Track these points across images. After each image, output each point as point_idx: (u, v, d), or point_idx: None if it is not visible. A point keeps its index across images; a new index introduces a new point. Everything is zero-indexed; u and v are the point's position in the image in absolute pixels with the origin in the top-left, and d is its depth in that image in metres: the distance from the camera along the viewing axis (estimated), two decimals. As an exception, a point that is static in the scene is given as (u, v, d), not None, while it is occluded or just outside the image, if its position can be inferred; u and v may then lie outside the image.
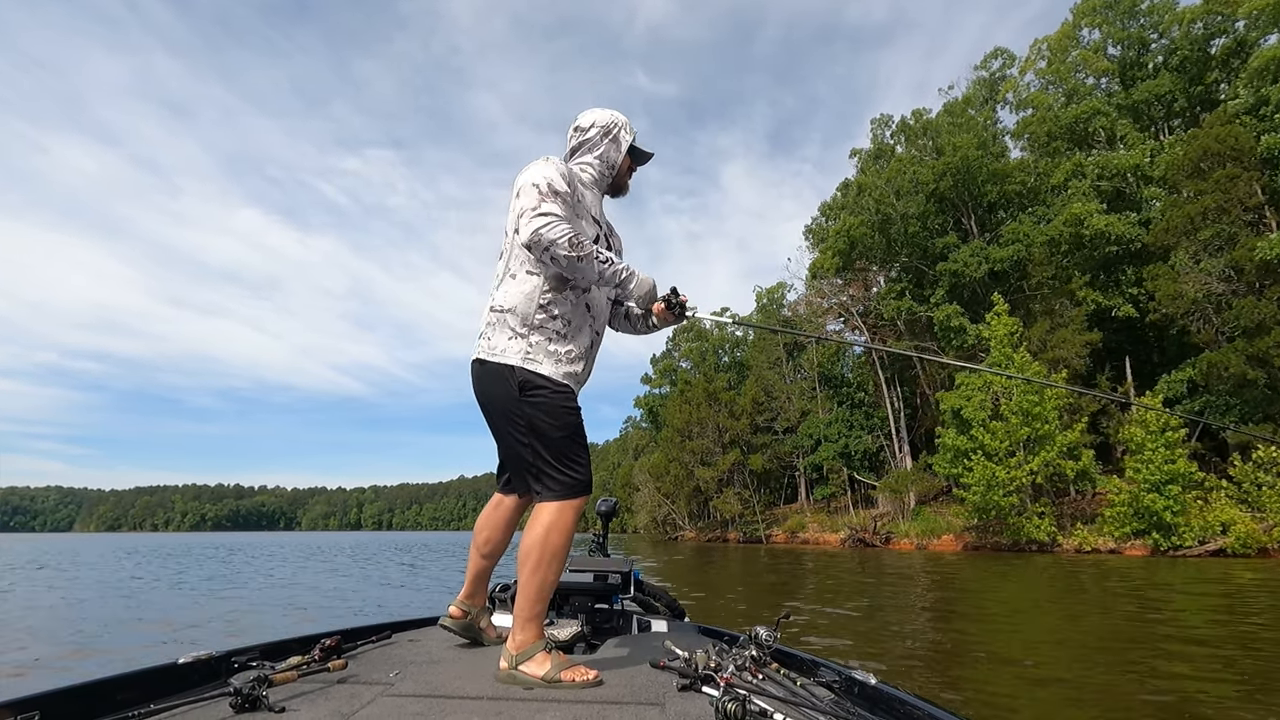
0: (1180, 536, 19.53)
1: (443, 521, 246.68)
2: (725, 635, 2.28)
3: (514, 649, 1.70)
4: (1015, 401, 22.78)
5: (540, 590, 1.76)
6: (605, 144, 2.05)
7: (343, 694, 1.51)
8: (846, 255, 33.63)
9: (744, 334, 54.01)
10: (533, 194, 1.81)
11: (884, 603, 9.08)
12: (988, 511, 23.10)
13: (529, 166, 1.90)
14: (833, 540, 32.51)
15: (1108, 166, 27.96)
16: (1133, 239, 26.40)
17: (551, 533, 1.77)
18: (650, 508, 51.76)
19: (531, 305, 1.85)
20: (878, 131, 34.70)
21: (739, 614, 8.28)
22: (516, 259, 1.89)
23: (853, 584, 11.99)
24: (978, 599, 9.67)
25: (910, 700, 1.41)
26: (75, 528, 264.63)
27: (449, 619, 2.09)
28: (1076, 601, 9.19)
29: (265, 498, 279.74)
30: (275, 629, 7.33)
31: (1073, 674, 4.74)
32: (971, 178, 29.39)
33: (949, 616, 7.90)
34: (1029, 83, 32.77)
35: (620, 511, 3.61)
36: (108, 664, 5.47)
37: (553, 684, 1.63)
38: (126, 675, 1.49)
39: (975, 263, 28.26)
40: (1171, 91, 29.50)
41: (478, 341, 1.91)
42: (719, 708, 1.26)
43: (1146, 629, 6.64)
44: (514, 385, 1.82)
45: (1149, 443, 20.24)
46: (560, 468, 1.81)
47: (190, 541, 60.16)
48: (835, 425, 37.94)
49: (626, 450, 79.06)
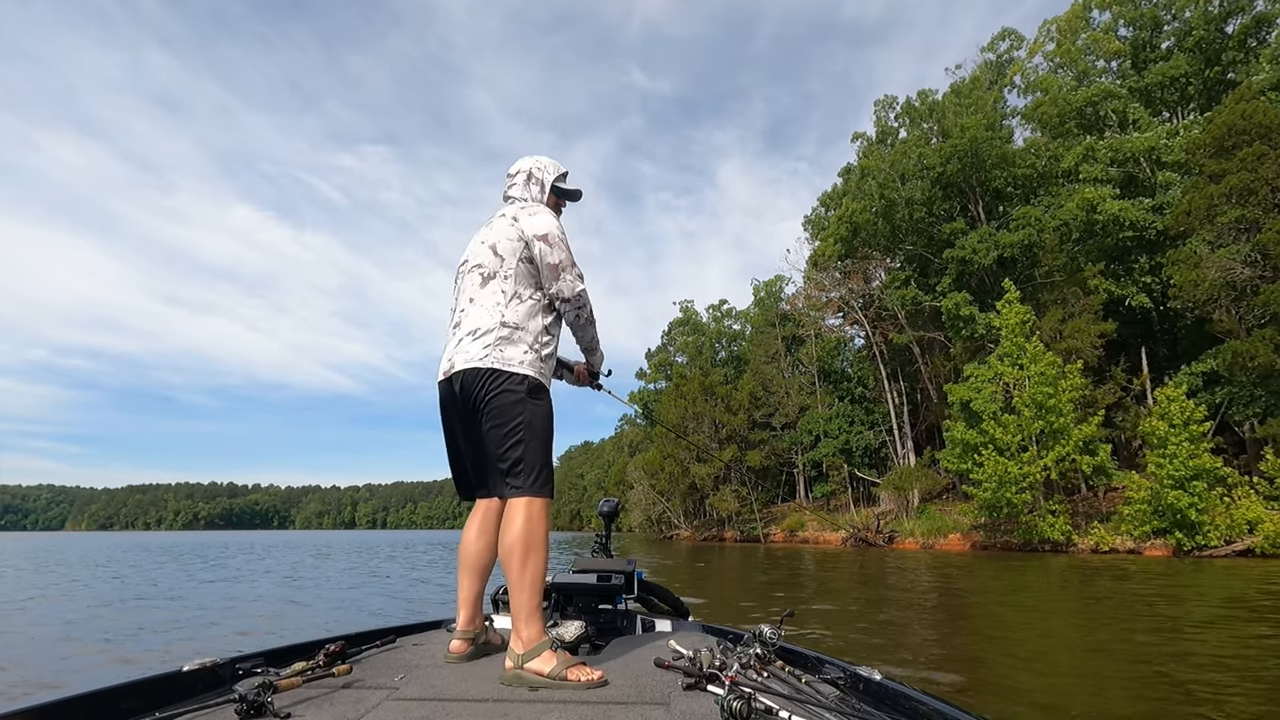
0: (1205, 536, 18.40)
1: (437, 520, 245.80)
2: (729, 634, 2.26)
3: (519, 648, 1.74)
4: (1029, 393, 21.60)
5: (534, 582, 1.82)
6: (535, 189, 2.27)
7: (348, 699, 1.51)
8: (849, 242, 32.41)
9: (741, 327, 52.94)
10: (565, 249, 2.06)
11: (906, 607, 7.88)
12: (999, 509, 21.94)
13: (544, 213, 2.12)
14: (833, 540, 31.38)
15: (1121, 150, 26.81)
16: (1147, 225, 25.30)
17: (533, 523, 1.86)
18: (644, 506, 50.66)
19: (538, 325, 2.06)
20: (881, 114, 33.39)
21: (742, 613, 7.61)
22: (523, 283, 2.06)
23: (866, 588, 10.79)
24: (1002, 603, 8.48)
25: (916, 695, 1.39)
26: (67, 526, 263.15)
27: (454, 656, 1.99)
28: (1115, 606, 7.99)
29: (259, 496, 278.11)
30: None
31: (1117, 691, 4.01)
32: (980, 161, 28.13)
33: (985, 627, 6.69)
34: (1037, 65, 31.61)
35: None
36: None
37: (558, 681, 1.66)
38: (131, 683, 1.47)
39: (984, 249, 27.01)
40: (1186, 74, 28.38)
41: (481, 352, 1.97)
42: (724, 706, 1.25)
43: (1202, 636, 5.45)
44: (524, 389, 1.95)
45: (1172, 436, 19.10)
46: (542, 465, 1.93)
47: (201, 540, 58.64)
48: (836, 420, 36.88)
49: (621, 448, 78.17)
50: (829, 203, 41.69)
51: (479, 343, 1.97)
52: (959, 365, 27.72)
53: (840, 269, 35.42)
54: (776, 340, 43.23)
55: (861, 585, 11.51)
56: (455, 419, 2.06)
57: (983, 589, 10.75)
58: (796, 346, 43.36)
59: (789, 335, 43.26)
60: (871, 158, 32.37)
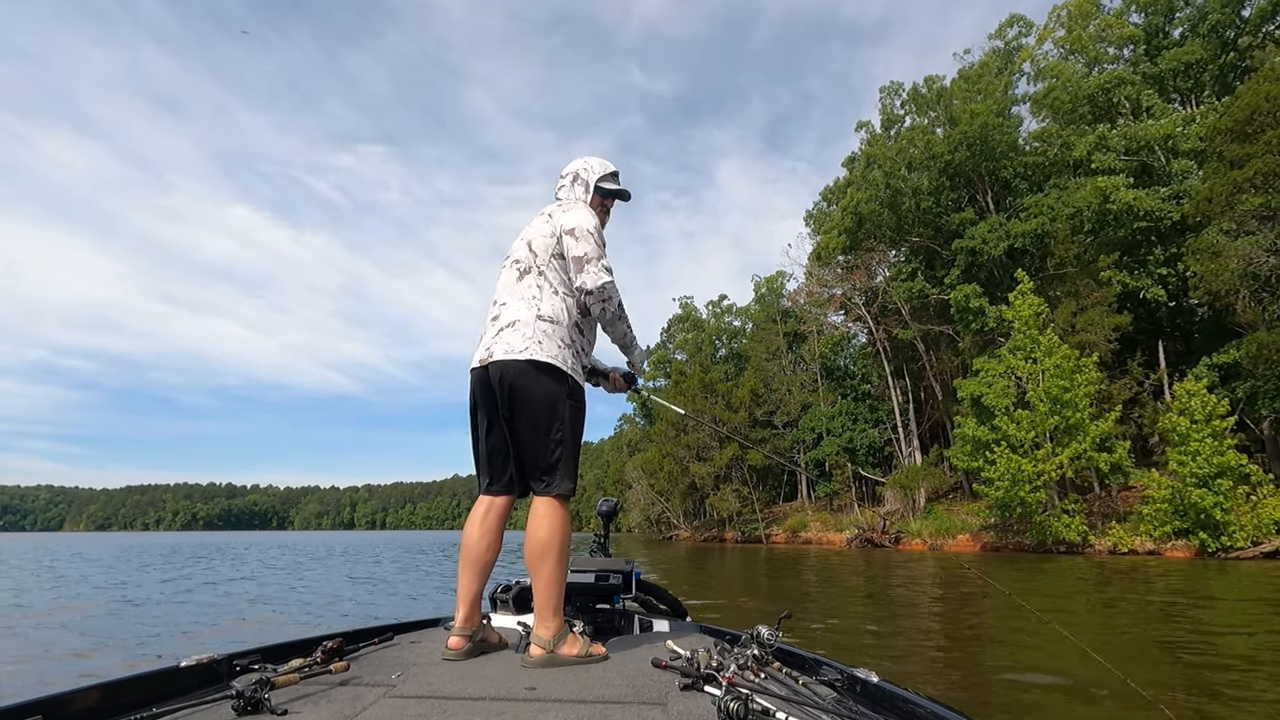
0: (1231, 537, 17.52)
1: (437, 520, 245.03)
2: (727, 634, 2.24)
3: (548, 635, 1.84)
4: (1044, 387, 20.70)
5: (561, 580, 1.90)
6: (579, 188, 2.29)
7: (345, 696, 1.50)
8: (854, 234, 31.48)
9: (742, 323, 52.07)
10: (592, 242, 2.04)
11: (935, 617, 7.00)
12: (1012, 508, 21.06)
13: (578, 208, 2.14)
14: (837, 540, 30.48)
15: (1135, 138, 25.92)
16: (1163, 215, 24.41)
17: (562, 523, 1.92)
18: (643, 506, 49.79)
19: (571, 321, 2.07)
20: (887, 101, 32.42)
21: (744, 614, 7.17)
22: (557, 278, 2.07)
23: (892, 593, 9.89)
24: (1058, 609, 7.58)
25: (913, 698, 1.38)
26: (65, 527, 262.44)
27: (452, 653, 1.93)
28: (1163, 611, 7.10)
29: (257, 497, 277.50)
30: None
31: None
32: (989, 149, 27.21)
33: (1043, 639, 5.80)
34: (1047, 52, 30.69)
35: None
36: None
37: (587, 659, 1.84)
38: (128, 678, 1.46)
39: (995, 239, 26.09)
40: (1201, 60, 27.50)
41: (521, 344, 1.96)
42: (721, 707, 1.25)
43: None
44: (566, 387, 1.98)
45: (1194, 433, 18.22)
46: (573, 467, 1.99)
47: (186, 541, 57.72)
48: (839, 418, 36.00)
49: (620, 448, 77.37)
50: (831, 197, 40.83)
51: (518, 334, 1.98)
52: (967, 360, 26.83)
53: (843, 264, 34.58)
54: (778, 336, 42.34)
55: (898, 591, 10.62)
56: (486, 408, 2.04)
57: (1031, 591, 9.86)
58: (798, 343, 42.50)
59: (790, 331, 42.40)
60: (877, 146, 31.44)
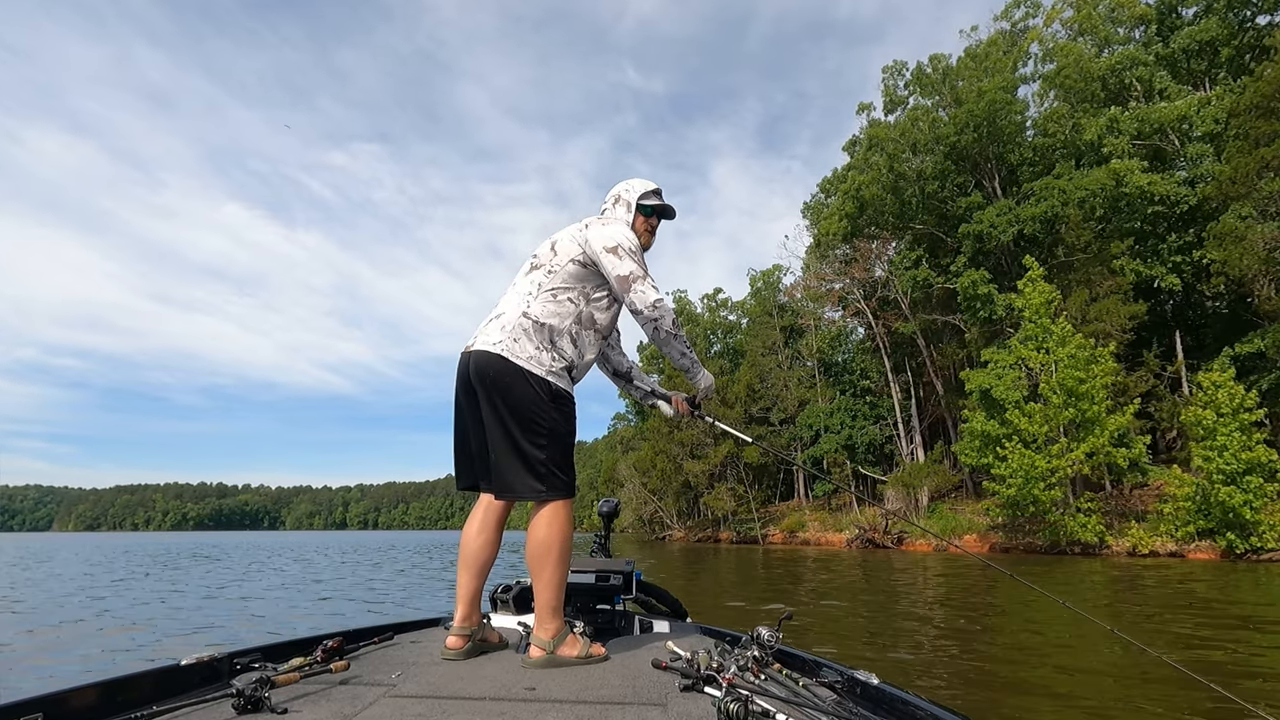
0: (1261, 537, 16.33)
1: (429, 521, 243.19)
2: (727, 636, 2.23)
3: (548, 636, 1.83)
4: (1057, 378, 19.48)
5: (562, 581, 1.89)
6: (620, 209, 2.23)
7: (345, 695, 1.49)
8: (855, 220, 30.19)
9: (737, 318, 50.87)
10: (635, 261, 1.98)
11: (936, 617, 5.72)
12: (1023, 507, 19.84)
13: (617, 225, 2.08)
14: (837, 540, 29.24)
15: (1148, 120, 24.76)
16: (1178, 200, 23.26)
17: (566, 527, 1.90)
18: (635, 505, 48.49)
19: (565, 327, 1.97)
20: (890, 81, 31.14)
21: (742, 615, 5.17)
22: (564, 282, 2.00)
23: (893, 593, 8.60)
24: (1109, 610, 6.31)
25: (913, 700, 1.39)
26: (54, 527, 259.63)
27: (451, 652, 1.91)
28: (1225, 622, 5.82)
29: (249, 497, 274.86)
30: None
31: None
32: (997, 130, 25.97)
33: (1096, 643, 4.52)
34: (1055, 33, 29.54)
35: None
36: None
37: (586, 660, 1.83)
38: (129, 676, 1.46)
39: (1003, 223, 24.84)
40: (1216, 39, 26.38)
41: (498, 336, 1.93)
42: (721, 708, 1.25)
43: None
44: (544, 392, 1.90)
45: (1221, 427, 17.02)
46: (566, 469, 1.93)
47: (175, 542, 56.05)
48: (838, 415, 34.74)
49: (614, 447, 76.14)
50: (829, 188, 39.62)
51: (499, 328, 1.95)
52: (973, 352, 25.63)
53: (842, 256, 33.35)
54: (775, 331, 41.08)
55: (890, 590, 9.30)
56: (464, 398, 2.02)
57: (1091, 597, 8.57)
58: (796, 338, 41.28)
59: (787, 326, 41.17)
60: (880, 128, 30.18)
